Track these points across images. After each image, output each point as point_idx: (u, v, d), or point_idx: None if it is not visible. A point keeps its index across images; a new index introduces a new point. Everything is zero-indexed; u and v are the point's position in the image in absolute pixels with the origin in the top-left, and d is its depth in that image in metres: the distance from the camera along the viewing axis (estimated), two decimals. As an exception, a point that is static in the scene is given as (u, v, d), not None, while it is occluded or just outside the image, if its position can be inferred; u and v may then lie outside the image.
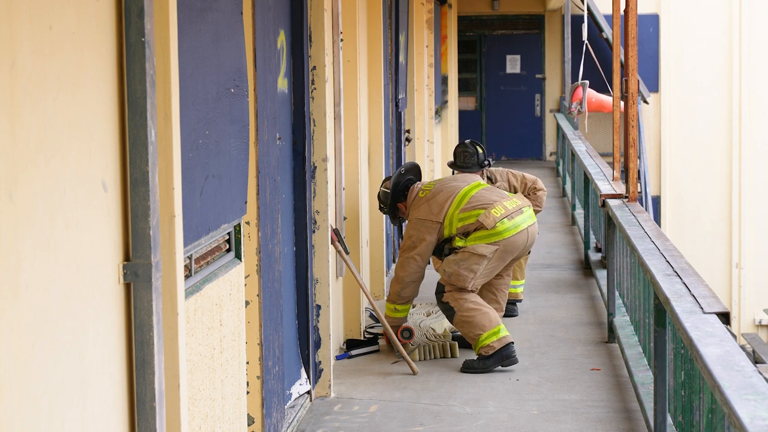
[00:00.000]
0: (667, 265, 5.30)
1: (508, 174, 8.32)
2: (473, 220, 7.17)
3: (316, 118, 6.42)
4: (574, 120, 15.99)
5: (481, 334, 7.01)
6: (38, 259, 2.75)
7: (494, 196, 7.31)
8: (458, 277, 7.11)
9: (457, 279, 7.12)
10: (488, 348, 6.98)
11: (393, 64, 10.22)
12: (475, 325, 7.04)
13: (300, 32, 6.17)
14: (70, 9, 2.93)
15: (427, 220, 7.28)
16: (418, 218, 7.32)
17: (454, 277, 7.12)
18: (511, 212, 7.21)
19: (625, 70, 7.50)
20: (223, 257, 4.60)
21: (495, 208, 7.18)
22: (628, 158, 7.50)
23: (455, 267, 7.11)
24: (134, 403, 3.32)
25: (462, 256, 7.12)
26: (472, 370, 6.99)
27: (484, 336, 7.00)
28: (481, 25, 21.23)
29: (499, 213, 7.18)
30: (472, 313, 7.06)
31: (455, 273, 7.11)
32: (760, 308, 18.34)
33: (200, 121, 4.08)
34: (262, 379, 5.10)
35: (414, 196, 7.49)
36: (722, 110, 18.97)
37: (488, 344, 6.99)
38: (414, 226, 7.33)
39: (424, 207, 7.32)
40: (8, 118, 2.60)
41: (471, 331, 7.06)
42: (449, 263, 7.15)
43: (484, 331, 7.00)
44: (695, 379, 4.55)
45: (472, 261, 7.10)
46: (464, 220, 7.20)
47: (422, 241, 7.26)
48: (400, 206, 7.63)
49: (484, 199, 7.27)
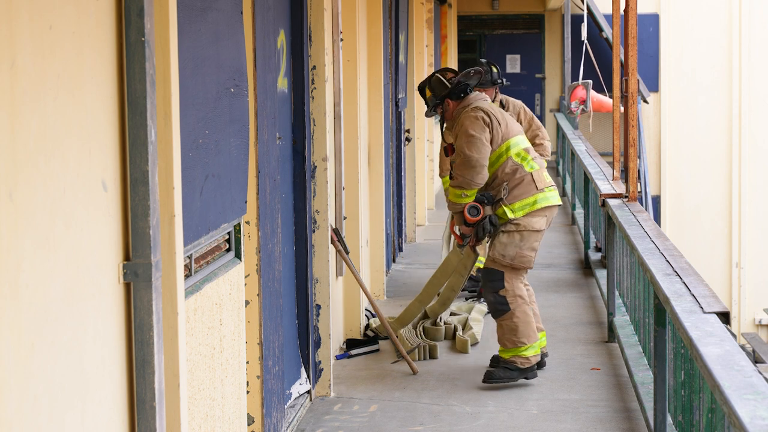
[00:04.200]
0: (667, 265, 5.30)
1: (522, 108, 8.49)
2: (527, 167, 6.60)
3: (316, 118, 6.42)
4: (576, 120, 15.98)
5: (525, 344, 6.57)
6: (38, 258, 2.75)
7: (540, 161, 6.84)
8: (523, 258, 6.57)
9: (521, 261, 6.57)
10: (526, 360, 6.59)
11: (393, 64, 10.22)
12: (522, 333, 6.57)
13: (300, 32, 6.17)
14: (69, 8, 2.93)
15: (484, 129, 6.59)
16: (474, 124, 6.58)
17: (518, 259, 6.56)
18: (551, 184, 6.76)
19: (625, 69, 7.49)
20: (223, 257, 4.60)
21: (544, 171, 6.74)
22: (627, 158, 7.50)
23: (516, 249, 6.55)
24: (134, 403, 3.32)
25: (520, 236, 6.56)
26: (498, 381, 6.59)
27: (527, 347, 6.59)
28: (481, 24, 21.23)
29: (547, 178, 6.72)
30: (525, 319, 6.57)
31: (519, 255, 6.55)
32: (760, 308, 18.34)
33: (200, 120, 4.08)
34: (262, 378, 5.10)
35: (472, 106, 6.69)
36: (722, 110, 18.97)
37: (527, 357, 6.59)
38: (470, 126, 6.58)
39: (480, 128, 6.59)
40: (8, 118, 2.60)
41: (514, 336, 6.58)
42: (505, 246, 6.55)
43: (528, 343, 6.58)
44: (695, 379, 4.55)
45: (533, 239, 6.59)
46: (522, 158, 6.61)
47: (483, 138, 6.55)
48: (449, 102, 6.79)
49: (537, 158, 6.76)
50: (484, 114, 6.59)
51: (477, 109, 6.63)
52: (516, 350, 6.59)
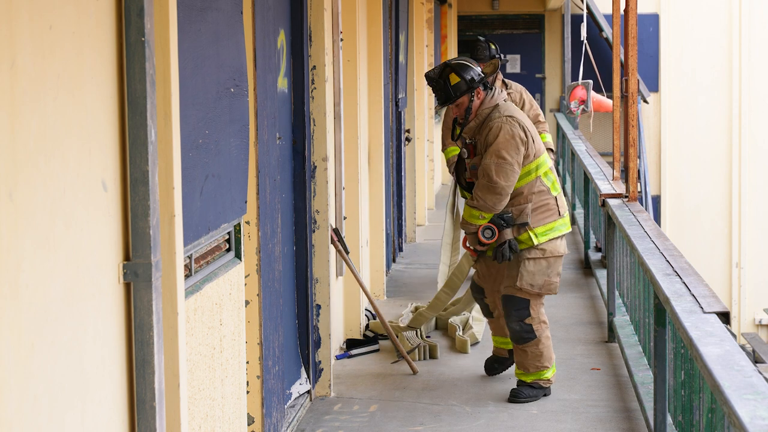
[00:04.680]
0: (667, 265, 5.30)
1: (522, 91, 8.81)
2: (553, 190, 6.34)
3: (316, 118, 6.42)
4: (577, 120, 15.98)
5: (547, 368, 6.42)
6: (38, 258, 2.75)
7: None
8: (551, 285, 6.33)
9: (549, 288, 6.33)
10: (548, 381, 6.47)
11: (393, 64, 10.22)
12: (545, 358, 6.41)
13: (300, 32, 6.17)
14: (69, 8, 2.93)
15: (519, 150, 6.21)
16: (509, 145, 6.20)
17: (546, 287, 6.31)
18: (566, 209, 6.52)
19: (625, 69, 7.49)
20: (223, 257, 4.60)
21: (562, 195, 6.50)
22: (627, 158, 7.50)
23: (544, 277, 6.28)
24: (134, 403, 3.32)
25: (547, 263, 6.29)
26: (525, 399, 6.40)
27: (548, 370, 6.45)
28: (481, 24, 21.22)
29: (565, 204, 6.52)
30: (548, 343, 6.41)
31: (547, 283, 6.30)
32: (760, 308, 18.33)
33: (200, 120, 4.08)
34: (262, 378, 5.10)
35: (506, 115, 6.26)
36: (722, 110, 18.96)
37: (549, 378, 6.45)
38: (504, 147, 6.19)
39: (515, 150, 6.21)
40: (8, 118, 2.60)
41: (537, 361, 6.40)
42: (533, 275, 6.27)
43: (549, 365, 6.43)
44: (695, 379, 4.55)
45: (558, 264, 6.35)
46: (549, 179, 6.33)
47: (515, 163, 6.20)
48: (464, 100, 6.30)
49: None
50: (522, 131, 6.22)
51: (513, 122, 6.23)
52: (539, 373, 6.44)
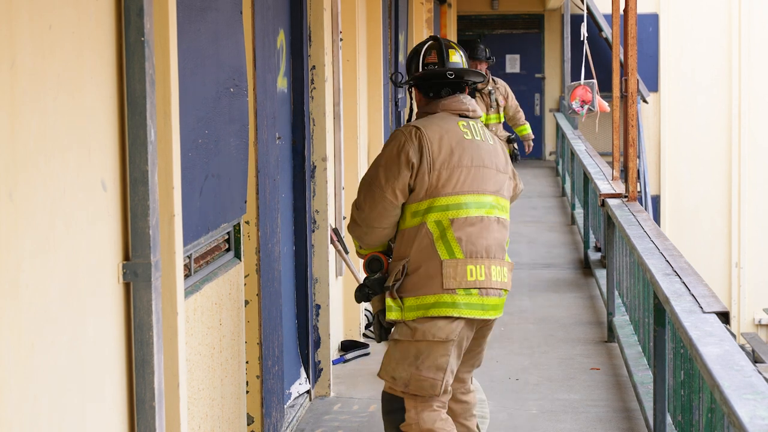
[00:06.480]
0: (666, 265, 5.30)
1: (506, 86, 9.01)
2: (444, 249, 4.39)
3: (315, 118, 6.42)
4: (582, 119, 15.99)
5: None
6: (38, 258, 2.75)
7: (491, 235, 4.47)
8: (421, 383, 4.44)
9: (419, 387, 4.44)
10: None
11: (393, 64, 10.22)
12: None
13: (299, 32, 6.17)
14: (69, 8, 2.93)
15: (400, 173, 4.43)
16: (390, 163, 4.45)
17: (414, 385, 4.45)
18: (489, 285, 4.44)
19: (625, 69, 7.50)
20: (223, 257, 4.60)
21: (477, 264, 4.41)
22: (627, 158, 7.50)
23: (411, 369, 4.43)
24: (134, 403, 3.32)
25: (416, 350, 4.43)
26: None
27: None
28: (481, 24, 21.22)
29: (475, 275, 4.40)
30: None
31: (415, 378, 4.43)
32: (759, 308, 18.34)
33: (200, 120, 4.08)
34: (261, 378, 5.10)
35: (427, 113, 4.66)
36: (722, 110, 18.97)
37: None
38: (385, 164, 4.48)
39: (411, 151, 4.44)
40: (8, 118, 2.60)
41: None
42: (394, 363, 4.49)
43: None
44: (695, 379, 4.55)
45: (435, 353, 4.42)
46: (444, 233, 4.40)
47: (389, 190, 4.44)
48: (415, 92, 4.78)
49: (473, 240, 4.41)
50: (416, 145, 4.51)
51: (414, 133, 4.52)
52: None
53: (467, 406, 4.75)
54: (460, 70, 4.67)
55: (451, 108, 4.63)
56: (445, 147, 4.47)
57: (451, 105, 4.63)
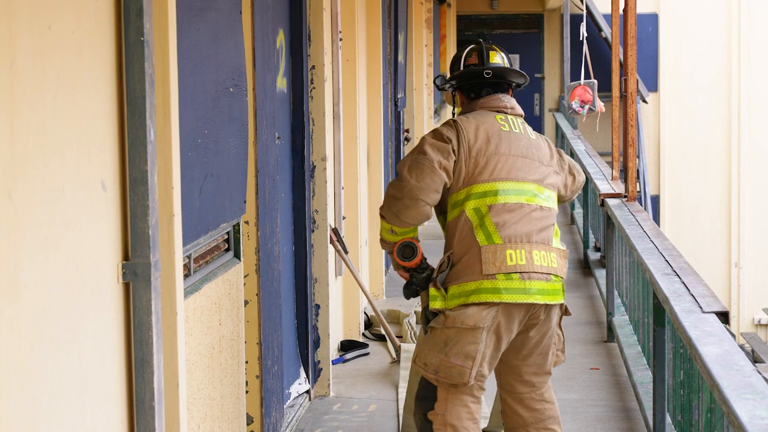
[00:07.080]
0: (666, 265, 5.30)
1: None
2: (483, 235, 4.40)
3: (315, 118, 6.42)
4: (583, 119, 15.99)
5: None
6: (37, 258, 2.75)
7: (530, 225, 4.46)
8: (450, 371, 4.45)
9: (448, 374, 4.45)
10: None
11: (392, 64, 10.22)
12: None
13: (299, 31, 6.17)
14: (69, 9, 2.93)
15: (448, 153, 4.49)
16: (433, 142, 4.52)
17: (443, 372, 4.45)
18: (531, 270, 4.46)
19: (624, 69, 7.49)
20: (222, 256, 4.60)
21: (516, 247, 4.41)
22: (627, 157, 7.50)
23: (440, 356, 4.44)
24: (133, 403, 3.32)
25: (445, 337, 4.43)
26: None
27: None
28: (480, 24, 21.21)
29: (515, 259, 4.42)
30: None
31: (445, 365, 4.44)
32: (759, 307, 18.34)
33: (199, 120, 4.08)
34: (261, 378, 5.10)
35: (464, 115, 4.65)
36: (721, 109, 18.96)
37: None
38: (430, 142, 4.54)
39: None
40: (8, 118, 2.60)
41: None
42: (427, 350, 4.48)
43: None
44: (694, 379, 4.55)
45: (464, 340, 4.42)
46: (483, 220, 4.41)
47: (437, 162, 4.47)
48: (458, 95, 4.82)
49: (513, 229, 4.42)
50: (453, 132, 4.64)
51: (452, 123, 4.68)
52: None
53: (538, 415, 4.65)
54: (500, 69, 4.72)
55: (488, 105, 4.69)
56: (482, 136, 4.53)
57: (488, 103, 4.70)
